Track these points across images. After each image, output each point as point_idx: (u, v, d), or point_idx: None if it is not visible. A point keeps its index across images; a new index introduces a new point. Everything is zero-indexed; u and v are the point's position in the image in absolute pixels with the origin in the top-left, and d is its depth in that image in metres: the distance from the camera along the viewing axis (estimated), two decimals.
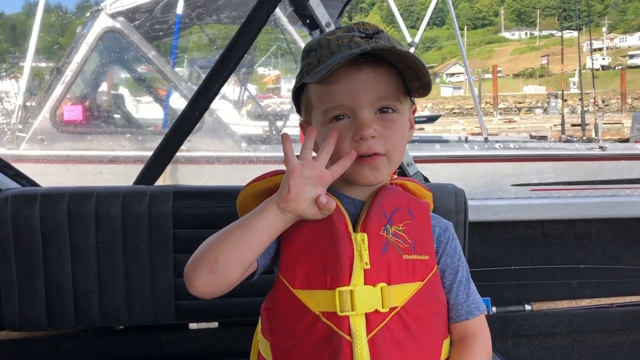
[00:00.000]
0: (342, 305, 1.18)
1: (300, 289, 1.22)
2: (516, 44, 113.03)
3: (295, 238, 1.26)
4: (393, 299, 1.20)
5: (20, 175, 2.18)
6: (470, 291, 1.35)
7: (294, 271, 1.24)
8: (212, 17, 7.02)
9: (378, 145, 1.23)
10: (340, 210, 1.26)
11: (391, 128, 1.25)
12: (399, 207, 1.29)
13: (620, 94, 44.84)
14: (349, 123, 1.24)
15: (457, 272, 1.34)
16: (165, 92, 7.06)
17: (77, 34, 6.66)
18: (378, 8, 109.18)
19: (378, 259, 1.21)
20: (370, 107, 1.23)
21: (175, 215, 1.97)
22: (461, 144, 7.69)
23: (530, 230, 2.48)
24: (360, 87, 1.22)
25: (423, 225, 1.31)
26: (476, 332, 1.32)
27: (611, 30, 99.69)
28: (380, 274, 1.21)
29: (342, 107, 1.23)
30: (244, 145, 6.16)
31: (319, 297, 1.20)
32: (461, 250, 1.38)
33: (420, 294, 1.24)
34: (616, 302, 2.51)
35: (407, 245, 1.25)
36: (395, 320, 1.20)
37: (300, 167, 1.16)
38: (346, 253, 1.20)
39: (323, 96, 1.26)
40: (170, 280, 1.99)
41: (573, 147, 8.09)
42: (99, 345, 2.12)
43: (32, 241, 1.91)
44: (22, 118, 6.26)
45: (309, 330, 1.21)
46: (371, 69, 1.23)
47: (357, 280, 1.19)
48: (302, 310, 1.21)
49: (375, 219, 1.25)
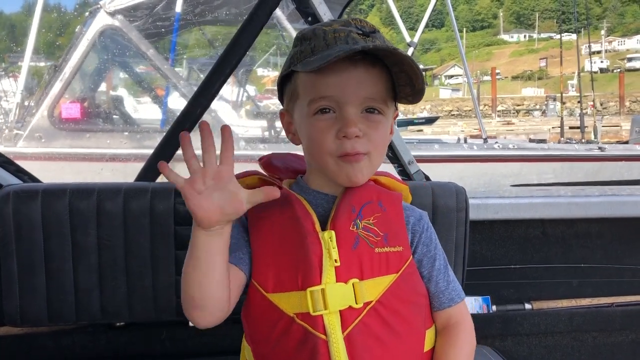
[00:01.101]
0: (314, 305, 1.17)
1: (274, 292, 1.22)
2: (515, 46, 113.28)
3: (264, 242, 1.26)
4: (366, 293, 1.20)
5: (21, 171, 2.17)
6: (450, 278, 1.35)
7: (266, 275, 1.23)
8: (212, 16, 7.01)
9: (361, 145, 1.22)
10: (306, 210, 1.25)
11: (375, 129, 1.24)
12: (369, 200, 1.28)
13: (618, 96, 44.89)
14: (333, 118, 1.23)
15: (434, 261, 1.34)
16: (164, 91, 7.06)
17: (77, 33, 6.65)
18: (377, 10, 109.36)
19: (349, 255, 1.21)
20: (358, 105, 1.22)
21: (177, 212, 1.97)
22: (460, 145, 7.70)
23: (531, 229, 2.48)
24: (352, 83, 1.21)
25: (394, 217, 1.31)
26: (459, 320, 1.33)
27: (610, 33, 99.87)
28: (352, 270, 1.21)
29: (329, 99, 1.22)
30: (242, 144, 6.16)
31: (292, 299, 1.20)
32: (437, 239, 1.38)
33: (395, 286, 1.23)
34: (616, 302, 2.51)
35: (378, 239, 1.24)
36: (371, 314, 1.20)
37: (190, 185, 1.09)
38: (315, 252, 1.20)
39: (312, 86, 1.24)
40: (171, 277, 1.98)
41: (572, 148, 8.09)
42: (100, 342, 2.12)
43: (33, 237, 1.91)
44: (20, 116, 6.25)
45: (285, 333, 1.21)
46: (365, 68, 1.22)
47: (328, 279, 1.19)
48: (277, 313, 1.21)
49: (344, 215, 1.24)
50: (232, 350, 2.15)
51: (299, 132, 1.31)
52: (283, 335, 1.21)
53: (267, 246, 1.25)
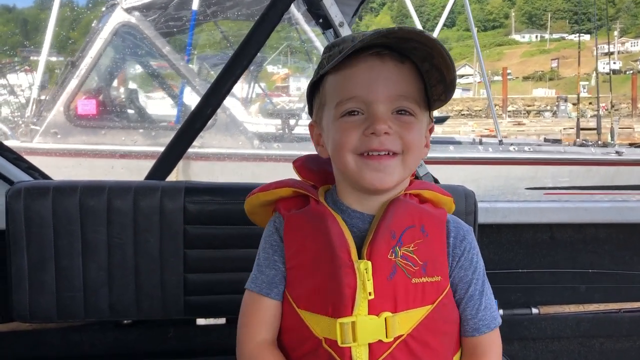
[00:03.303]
0: (343, 336, 1.14)
1: (305, 310, 1.20)
2: (526, 46, 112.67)
3: (298, 258, 1.23)
4: (398, 328, 1.15)
5: (33, 168, 2.19)
6: (482, 306, 1.26)
7: (298, 291, 1.21)
8: (227, 14, 7.04)
9: (392, 143, 1.15)
10: (343, 235, 1.18)
11: (408, 129, 1.16)
12: (411, 224, 1.20)
13: (630, 98, 44.57)
14: (361, 119, 1.16)
15: (468, 287, 1.25)
16: (179, 88, 7.09)
17: (92, 29, 6.68)
18: (388, 8, 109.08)
19: (383, 286, 1.15)
20: (388, 103, 1.15)
21: (186, 211, 1.98)
22: (475, 146, 7.63)
23: (539, 233, 2.48)
24: (381, 79, 1.15)
25: (436, 243, 1.22)
26: (485, 351, 1.25)
27: (622, 34, 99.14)
28: (385, 302, 1.15)
29: (357, 99, 1.15)
30: (256, 143, 6.16)
31: (322, 323, 1.17)
32: (479, 261, 1.28)
33: (428, 318, 1.18)
34: (624, 308, 2.50)
35: (417, 268, 1.17)
36: (401, 348, 1.16)
37: None
38: (348, 284, 1.14)
39: (339, 87, 1.18)
40: (179, 276, 1.99)
41: (589, 152, 7.98)
42: (107, 339, 2.13)
43: (44, 234, 1.92)
44: (36, 111, 6.29)
45: (311, 353, 1.19)
46: (394, 63, 1.16)
47: (359, 311, 1.14)
48: (306, 332, 1.19)
49: (382, 240, 1.16)
50: None
51: (326, 140, 1.24)
52: (309, 354, 1.19)
53: (300, 263, 1.22)
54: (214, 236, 2.02)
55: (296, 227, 1.23)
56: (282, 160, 5.87)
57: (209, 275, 2.03)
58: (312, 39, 7.31)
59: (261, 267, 1.27)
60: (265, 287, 1.25)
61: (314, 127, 1.30)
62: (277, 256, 1.26)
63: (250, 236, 2.03)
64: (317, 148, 1.31)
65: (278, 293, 1.24)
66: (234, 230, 2.03)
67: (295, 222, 1.22)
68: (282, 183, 1.31)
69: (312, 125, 1.31)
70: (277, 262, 1.25)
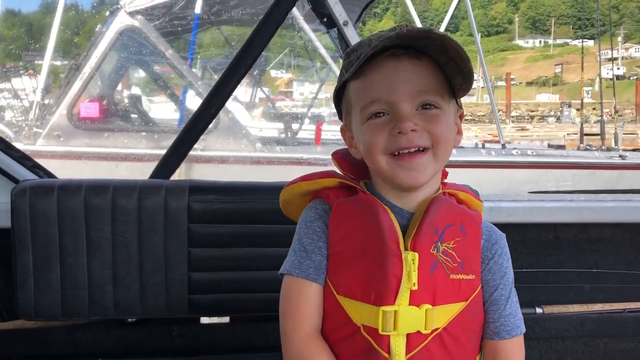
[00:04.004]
0: (384, 324, 1.16)
1: (344, 296, 1.21)
2: (530, 52, 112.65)
3: (343, 244, 1.24)
4: (436, 320, 1.18)
5: (38, 166, 2.20)
6: (505, 312, 1.28)
7: (339, 278, 1.22)
8: (230, 15, 7.06)
9: (420, 139, 1.17)
10: (392, 226, 1.20)
11: (435, 122, 1.18)
12: (452, 223, 1.22)
13: (634, 104, 44.47)
14: (387, 119, 1.18)
15: (494, 291, 1.28)
16: (181, 91, 7.11)
17: (97, 32, 6.71)
18: (392, 13, 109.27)
19: (426, 279, 1.18)
20: (410, 101, 1.17)
21: (191, 209, 1.98)
22: (478, 150, 7.62)
23: (543, 233, 2.47)
24: (399, 79, 1.17)
25: (473, 243, 1.26)
26: (507, 357, 1.27)
27: (626, 40, 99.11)
28: (426, 294, 1.18)
29: (380, 101, 1.17)
30: (258, 146, 6.17)
31: (362, 310, 1.18)
32: (508, 268, 1.31)
33: (462, 314, 1.21)
34: (628, 308, 2.49)
35: (455, 265, 1.20)
36: (436, 341, 1.19)
37: None
38: (394, 273, 1.16)
39: (362, 92, 1.21)
40: (183, 274, 2.00)
41: (592, 156, 7.95)
42: (112, 337, 2.14)
43: (49, 232, 1.93)
44: (39, 114, 6.32)
45: (348, 340, 1.20)
46: (410, 61, 1.17)
47: (402, 301, 1.16)
48: (345, 318, 1.20)
49: (426, 235, 1.19)
50: (242, 347, 2.18)
51: (358, 143, 1.26)
52: (346, 340, 1.21)
53: (344, 250, 1.23)
54: (218, 235, 2.02)
55: (345, 214, 1.24)
56: (285, 163, 5.88)
57: (213, 274, 2.04)
58: (312, 39, 7.31)
59: (307, 253, 1.26)
60: (313, 272, 1.24)
61: (345, 130, 1.32)
62: (322, 242, 1.26)
63: (254, 235, 2.05)
64: (350, 150, 1.33)
65: (324, 279, 1.25)
66: (238, 229, 2.04)
67: (345, 209, 1.23)
68: (326, 174, 1.33)
69: (343, 129, 1.33)
70: (322, 248, 1.26)
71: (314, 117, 8.98)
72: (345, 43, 2.35)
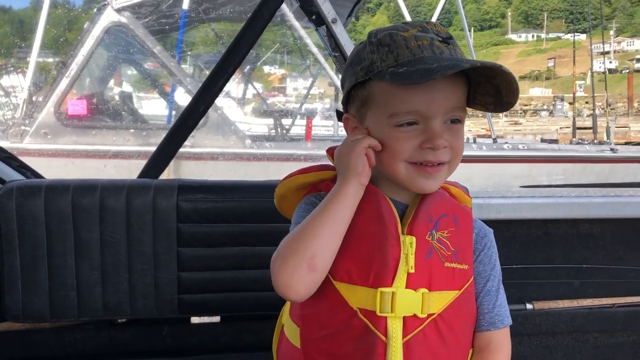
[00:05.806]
0: (382, 305, 1.17)
1: (340, 281, 1.20)
2: (523, 46, 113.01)
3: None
4: (432, 305, 1.20)
5: (24, 166, 2.19)
6: (498, 302, 1.32)
7: (336, 262, 1.20)
8: (218, 12, 7.04)
9: (445, 155, 1.20)
10: (392, 211, 1.22)
11: (457, 137, 1.22)
12: (445, 213, 1.26)
13: (626, 97, 44.62)
14: (418, 130, 1.18)
15: (487, 281, 1.32)
16: (170, 88, 7.09)
17: (85, 29, 6.68)
18: (385, 8, 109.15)
19: (422, 264, 1.20)
20: (443, 117, 1.18)
21: (180, 209, 1.98)
22: (469, 145, 7.63)
23: (533, 229, 2.47)
24: (440, 97, 1.17)
25: (466, 234, 1.29)
26: (497, 347, 1.30)
27: (618, 33, 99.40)
28: (422, 279, 1.19)
29: (416, 113, 1.17)
30: (248, 142, 6.16)
31: (359, 294, 1.19)
32: (497, 260, 1.35)
33: (456, 302, 1.23)
34: (618, 303, 2.50)
35: (449, 253, 1.23)
36: (431, 326, 1.20)
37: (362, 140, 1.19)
38: (393, 255, 1.18)
39: (397, 99, 1.18)
40: (173, 274, 1.99)
41: (584, 149, 7.98)
42: (101, 338, 2.12)
43: (36, 233, 1.92)
44: (27, 112, 6.29)
45: (344, 325, 1.20)
46: (452, 79, 1.17)
47: (399, 283, 1.18)
48: (340, 303, 1.20)
49: (422, 222, 1.22)
50: (232, 347, 2.17)
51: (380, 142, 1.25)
52: (342, 325, 1.20)
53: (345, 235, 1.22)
54: (208, 234, 2.02)
55: None
56: (274, 159, 5.86)
57: (203, 274, 2.03)
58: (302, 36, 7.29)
59: None
60: None
61: (350, 120, 1.30)
62: None
63: (244, 234, 2.04)
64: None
65: None
66: (228, 228, 2.03)
67: None
68: (322, 167, 1.34)
69: (347, 119, 1.31)
70: None
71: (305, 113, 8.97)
72: (334, 41, 2.35)
